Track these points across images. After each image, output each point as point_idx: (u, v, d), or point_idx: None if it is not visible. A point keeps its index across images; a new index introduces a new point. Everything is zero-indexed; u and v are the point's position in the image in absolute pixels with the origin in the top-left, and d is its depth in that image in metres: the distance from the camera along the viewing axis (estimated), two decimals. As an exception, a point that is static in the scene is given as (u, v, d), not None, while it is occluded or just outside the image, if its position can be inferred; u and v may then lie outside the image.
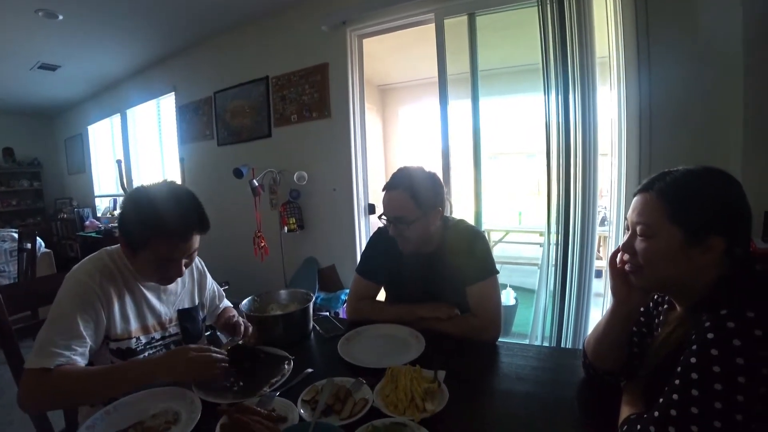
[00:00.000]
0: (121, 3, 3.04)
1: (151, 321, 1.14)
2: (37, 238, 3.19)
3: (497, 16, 2.57)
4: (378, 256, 1.46)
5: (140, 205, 1.03)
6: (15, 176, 6.58)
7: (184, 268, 1.08)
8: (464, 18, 2.56)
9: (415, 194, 1.27)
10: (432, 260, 1.36)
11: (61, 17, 3.16)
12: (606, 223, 2.76)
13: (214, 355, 0.98)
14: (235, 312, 1.40)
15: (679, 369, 0.64)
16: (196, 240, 1.08)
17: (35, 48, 3.84)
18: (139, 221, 1.01)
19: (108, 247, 1.13)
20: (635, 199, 0.79)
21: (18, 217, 6.48)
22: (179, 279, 1.24)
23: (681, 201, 0.72)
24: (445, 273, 1.33)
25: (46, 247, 3.71)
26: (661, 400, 0.65)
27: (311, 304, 1.34)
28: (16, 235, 3.38)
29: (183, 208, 1.04)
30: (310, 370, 1.06)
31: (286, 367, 1.06)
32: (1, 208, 6.32)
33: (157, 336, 1.15)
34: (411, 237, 1.29)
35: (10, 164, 6.49)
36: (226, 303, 1.47)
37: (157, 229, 1.00)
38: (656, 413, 0.64)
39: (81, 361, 0.96)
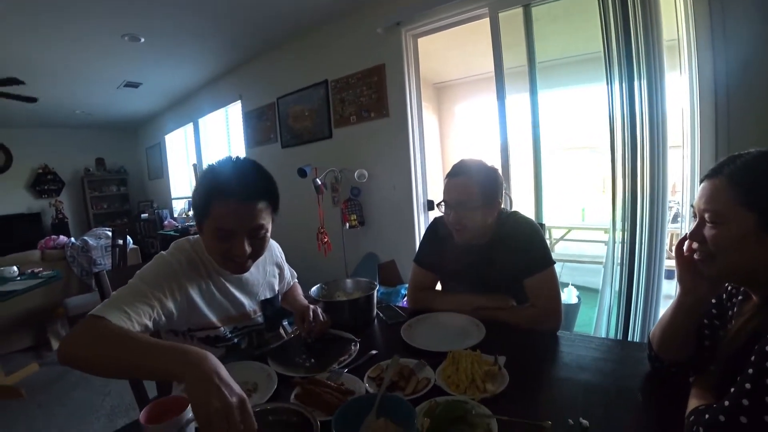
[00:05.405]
0: (193, 23, 3.32)
1: (233, 312, 1.17)
2: (127, 235, 3.61)
3: (554, 5, 2.49)
4: (435, 246, 1.48)
5: (205, 170, 1.03)
6: (105, 183, 7.48)
7: (247, 247, 1.00)
8: (519, 10, 2.52)
9: (479, 183, 1.29)
10: (487, 252, 1.37)
11: (142, 40, 3.51)
12: (679, 219, 2.60)
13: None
14: (301, 295, 1.45)
15: (753, 358, 0.61)
16: (260, 212, 1.00)
17: (121, 69, 4.29)
18: (201, 184, 1.01)
19: (189, 237, 1.16)
20: (703, 185, 0.76)
21: (108, 219, 7.30)
22: (259, 267, 1.26)
23: (753, 184, 0.69)
24: (501, 265, 1.33)
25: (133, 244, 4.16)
26: (732, 390, 0.62)
27: (375, 292, 1.39)
28: (110, 233, 3.82)
29: (245, 172, 1.01)
30: (374, 351, 1.11)
31: (352, 348, 1.13)
32: (94, 211, 7.18)
33: (240, 325, 1.20)
34: (469, 225, 1.30)
35: (101, 172, 7.42)
36: (295, 282, 1.51)
37: (216, 189, 0.96)
38: (727, 402, 0.61)
39: (139, 330, 0.86)
